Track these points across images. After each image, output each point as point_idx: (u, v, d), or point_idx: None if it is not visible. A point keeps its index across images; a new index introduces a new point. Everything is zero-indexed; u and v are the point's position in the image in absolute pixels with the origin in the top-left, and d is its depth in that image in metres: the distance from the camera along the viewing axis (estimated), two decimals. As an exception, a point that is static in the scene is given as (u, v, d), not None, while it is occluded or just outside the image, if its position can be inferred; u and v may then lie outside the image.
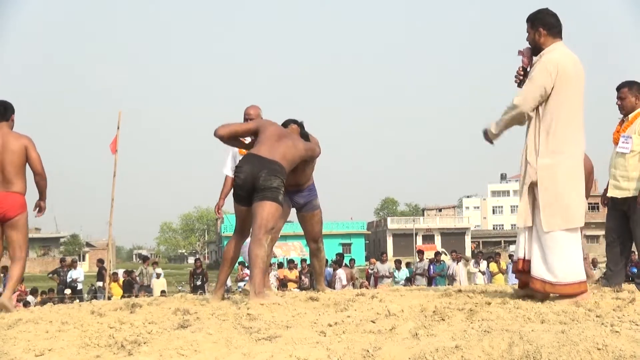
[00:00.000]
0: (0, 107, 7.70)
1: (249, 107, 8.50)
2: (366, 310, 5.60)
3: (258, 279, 6.53)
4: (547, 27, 6.04)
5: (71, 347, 4.84)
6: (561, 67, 5.86)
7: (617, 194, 7.52)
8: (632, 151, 7.38)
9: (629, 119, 7.52)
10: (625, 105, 7.57)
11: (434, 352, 4.09)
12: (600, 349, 3.96)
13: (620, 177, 7.46)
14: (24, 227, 7.58)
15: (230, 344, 4.62)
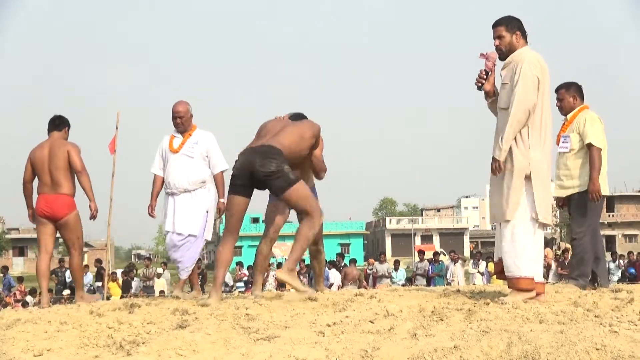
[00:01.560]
0: (57, 119, 8.37)
1: (178, 104, 8.23)
2: (365, 311, 5.60)
3: (297, 255, 6.66)
4: (521, 31, 6.20)
5: (70, 347, 4.84)
6: (543, 64, 6.05)
7: (562, 193, 7.64)
8: (572, 150, 7.51)
9: (568, 118, 7.68)
10: (564, 106, 7.74)
11: (433, 352, 4.10)
12: (598, 349, 3.96)
13: (564, 176, 7.59)
14: (74, 225, 8.13)
15: (229, 344, 4.62)
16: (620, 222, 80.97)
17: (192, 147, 8.16)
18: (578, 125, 7.49)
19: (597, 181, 7.29)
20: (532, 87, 5.94)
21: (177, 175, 8.06)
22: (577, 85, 7.79)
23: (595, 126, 7.45)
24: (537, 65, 6.00)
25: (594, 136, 7.37)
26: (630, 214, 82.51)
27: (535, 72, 5.96)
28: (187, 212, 8.07)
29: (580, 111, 7.63)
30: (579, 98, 7.72)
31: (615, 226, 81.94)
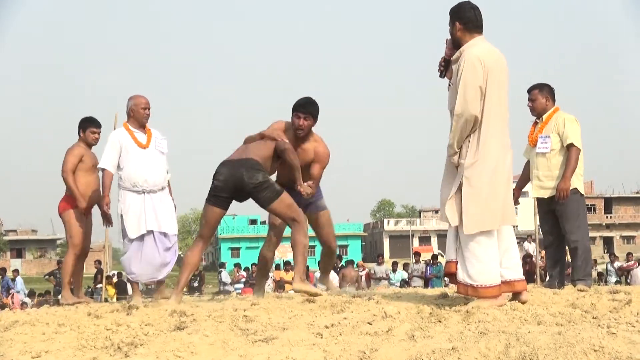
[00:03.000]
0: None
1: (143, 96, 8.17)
2: (363, 312, 5.59)
3: (301, 265, 6.75)
4: (463, 21, 5.83)
5: (68, 349, 4.84)
6: (486, 63, 5.67)
7: (543, 193, 7.64)
8: (552, 150, 7.52)
9: (544, 119, 7.68)
10: (536, 106, 7.74)
11: (431, 353, 4.10)
12: (596, 351, 3.97)
13: (544, 176, 7.59)
14: (66, 224, 8.56)
15: (227, 346, 4.62)
16: (618, 224, 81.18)
17: (161, 142, 8.09)
18: (557, 125, 7.52)
19: (568, 180, 7.35)
20: (472, 96, 5.63)
21: (151, 171, 7.89)
22: (550, 87, 7.82)
23: (574, 127, 7.51)
24: (479, 68, 5.65)
25: (575, 137, 7.43)
26: (628, 216, 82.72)
27: (477, 80, 5.63)
28: (167, 210, 8.01)
29: (554, 112, 7.67)
30: (551, 100, 7.76)
31: (613, 227, 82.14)
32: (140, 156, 7.88)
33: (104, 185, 7.94)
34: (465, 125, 5.67)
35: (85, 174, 8.44)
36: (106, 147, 7.90)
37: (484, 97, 5.67)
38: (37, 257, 78.05)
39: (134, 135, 7.92)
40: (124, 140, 7.88)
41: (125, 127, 7.98)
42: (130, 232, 7.80)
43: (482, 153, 5.67)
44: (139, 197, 7.83)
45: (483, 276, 5.63)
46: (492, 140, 5.69)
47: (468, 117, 5.63)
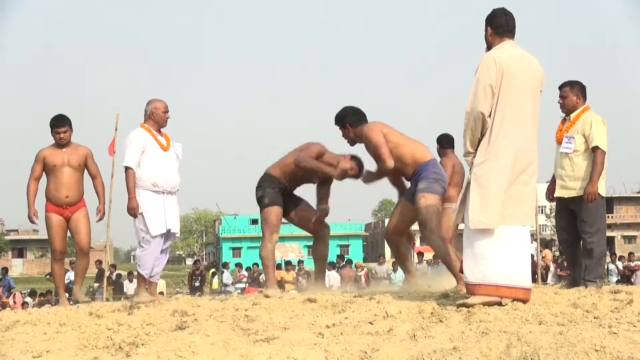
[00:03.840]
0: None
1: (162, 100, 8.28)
2: (364, 312, 5.59)
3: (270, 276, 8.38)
4: (494, 27, 5.97)
5: (69, 349, 4.84)
6: (502, 64, 5.74)
7: (564, 193, 7.60)
8: (575, 151, 7.48)
9: (571, 118, 7.62)
10: (566, 104, 7.68)
11: (432, 353, 4.10)
12: (598, 351, 3.96)
13: (567, 177, 7.55)
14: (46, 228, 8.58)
15: (228, 346, 4.62)
16: (620, 224, 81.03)
17: (178, 148, 8.23)
18: (583, 126, 7.47)
19: (596, 184, 7.29)
20: (482, 94, 5.71)
21: (171, 174, 8.04)
22: (582, 85, 7.74)
23: (601, 129, 7.43)
24: (493, 68, 5.72)
25: (601, 139, 7.37)
26: (630, 215, 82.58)
27: (488, 78, 5.71)
28: (176, 212, 8.18)
29: (583, 112, 7.60)
30: (582, 98, 7.68)
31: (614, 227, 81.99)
32: (162, 158, 8.01)
33: (129, 185, 7.88)
34: (474, 123, 5.73)
35: (56, 176, 8.37)
36: (128, 146, 7.94)
37: (497, 97, 5.72)
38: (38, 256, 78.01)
39: (156, 137, 8.04)
40: (146, 141, 7.97)
41: (146, 129, 8.05)
42: (153, 229, 7.89)
43: (492, 152, 5.70)
44: (159, 196, 7.96)
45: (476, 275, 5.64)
46: (504, 140, 5.70)
47: (475, 114, 5.70)
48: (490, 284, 5.61)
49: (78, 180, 8.46)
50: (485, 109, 5.69)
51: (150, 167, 7.93)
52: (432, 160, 7.54)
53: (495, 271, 5.63)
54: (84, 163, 8.50)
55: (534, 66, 5.93)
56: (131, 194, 7.84)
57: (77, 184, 8.44)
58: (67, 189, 8.35)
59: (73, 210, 8.42)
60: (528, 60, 5.92)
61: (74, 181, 8.40)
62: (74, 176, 8.40)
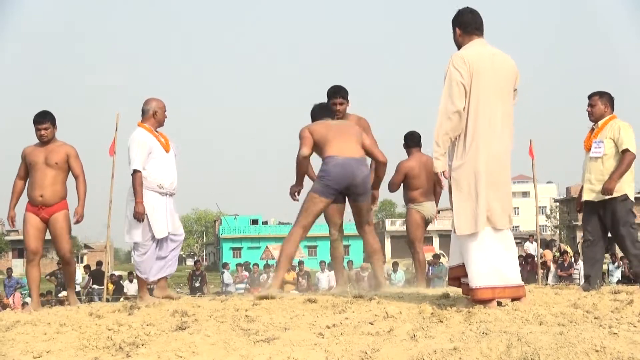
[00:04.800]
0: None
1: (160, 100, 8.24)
2: (364, 312, 5.59)
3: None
4: (462, 26, 5.95)
5: (69, 349, 4.84)
6: (471, 64, 5.71)
7: (593, 197, 7.74)
8: (605, 155, 7.66)
9: (599, 125, 7.83)
10: (594, 112, 7.88)
11: (432, 354, 4.10)
12: (598, 351, 3.97)
13: (596, 180, 7.69)
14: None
15: (228, 346, 4.62)
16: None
17: (176, 148, 8.19)
18: (612, 132, 7.66)
19: (614, 181, 7.50)
20: (456, 91, 5.68)
21: (173, 175, 8.01)
22: (610, 96, 7.95)
23: (629, 133, 7.66)
24: (463, 67, 5.69)
25: (630, 143, 7.59)
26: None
27: (456, 74, 5.68)
28: (176, 214, 8.16)
29: (610, 119, 7.80)
30: (610, 107, 7.90)
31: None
32: (165, 159, 7.98)
33: (137, 188, 7.74)
34: (450, 122, 5.68)
35: (33, 175, 8.12)
36: (135, 148, 7.82)
37: (468, 98, 5.70)
38: (38, 257, 78.00)
39: (158, 138, 8.00)
40: (151, 142, 7.91)
41: (147, 129, 7.97)
42: (158, 232, 7.87)
43: (469, 156, 5.70)
44: (162, 198, 7.92)
45: (475, 279, 5.64)
46: (478, 143, 5.68)
47: (451, 112, 5.67)
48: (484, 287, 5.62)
49: (55, 180, 8.07)
50: (461, 106, 5.67)
51: (156, 168, 7.87)
52: (327, 157, 7.43)
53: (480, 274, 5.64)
54: (65, 162, 8.12)
55: (506, 64, 5.90)
56: (139, 198, 7.71)
57: (54, 184, 8.06)
58: (40, 188, 8.02)
59: (50, 211, 8.07)
60: (500, 58, 5.88)
61: (50, 181, 8.04)
62: (49, 175, 8.04)
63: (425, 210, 9.25)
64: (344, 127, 7.56)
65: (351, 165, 7.31)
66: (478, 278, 5.61)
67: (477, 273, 5.63)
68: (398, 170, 9.22)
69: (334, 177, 7.31)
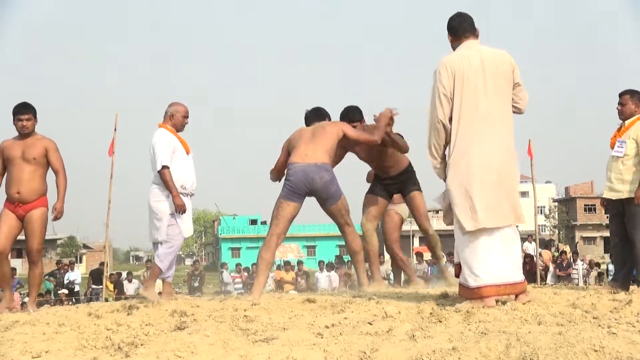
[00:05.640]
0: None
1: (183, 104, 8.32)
2: (363, 312, 5.60)
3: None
4: (451, 32, 6.11)
5: (68, 349, 4.83)
6: (454, 67, 5.82)
7: (612, 195, 7.76)
8: (626, 155, 7.66)
9: (626, 124, 7.82)
10: (624, 111, 7.87)
11: (431, 354, 4.10)
12: (597, 351, 3.96)
13: (615, 179, 7.72)
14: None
15: (227, 346, 4.62)
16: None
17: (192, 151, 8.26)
18: (637, 132, 7.67)
19: None
20: (438, 102, 5.83)
21: (193, 177, 8.16)
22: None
23: None
24: (444, 74, 5.83)
25: None
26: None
27: (439, 85, 5.83)
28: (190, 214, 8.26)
29: (638, 119, 7.80)
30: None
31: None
32: (186, 161, 8.10)
33: (170, 183, 7.83)
34: (435, 132, 5.87)
35: (10, 170, 7.84)
36: (160, 146, 7.91)
37: (454, 102, 5.82)
38: (37, 257, 77.97)
39: (181, 139, 8.11)
40: (174, 142, 8.02)
41: (169, 130, 8.07)
42: (186, 230, 8.06)
43: (454, 157, 5.82)
44: (186, 199, 8.05)
45: (470, 278, 5.72)
46: (462, 144, 5.78)
47: (432, 123, 5.88)
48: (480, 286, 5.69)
49: (32, 176, 7.77)
50: (442, 116, 5.82)
51: (179, 169, 7.98)
52: (290, 164, 7.51)
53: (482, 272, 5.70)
54: (44, 156, 7.81)
55: (497, 61, 5.93)
56: (174, 191, 7.84)
57: (31, 180, 7.75)
58: (17, 184, 7.74)
59: (27, 209, 7.76)
60: (489, 56, 5.92)
61: (27, 177, 7.74)
62: (26, 171, 7.74)
63: (403, 211, 9.27)
64: (317, 132, 7.59)
65: (310, 171, 7.35)
66: (470, 277, 5.71)
67: (468, 272, 5.73)
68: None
69: (294, 183, 7.39)
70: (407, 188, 8.25)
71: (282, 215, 7.47)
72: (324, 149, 7.43)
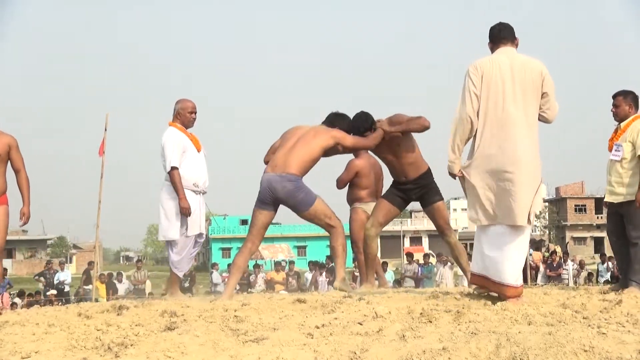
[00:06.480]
0: None
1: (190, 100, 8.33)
2: (353, 312, 5.60)
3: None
4: (490, 40, 6.42)
5: (58, 350, 4.83)
6: (483, 70, 6.13)
7: (613, 199, 7.77)
8: (623, 158, 7.66)
9: (622, 127, 7.81)
10: (619, 112, 7.87)
11: (421, 354, 4.10)
12: (587, 351, 3.97)
13: (615, 182, 7.72)
14: None
15: (217, 346, 4.62)
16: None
17: (204, 148, 8.30)
18: (632, 134, 7.66)
19: None
20: (468, 98, 6.11)
21: (205, 175, 8.18)
22: (635, 95, 7.96)
23: None
24: (474, 74, 6.13)
25: None
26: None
27: (470, 83, 6.12)
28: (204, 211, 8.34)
29: (633, 120, 7.78)
30: (635, 107, 7.89)
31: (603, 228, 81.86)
32: (198, 158, 8.12)
33: (178, 185, 7.86)
34: (461, 126, 6.13)
35: None
36: (170, 146, 7.93)
37: (480, 103, 6.11)
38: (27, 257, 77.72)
39: (190, 137, 8.13)
40: (184, 142, 8.03)
41: (179, 128, 8.09)
42: (191, 229, 8.06)
43: (475, 155, 6.11)
44: (196, 197, 8.08)
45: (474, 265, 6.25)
46: (486, 143, 6.07)
47: (462, 118, 6.11)
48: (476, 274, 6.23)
49: None
50: (471, 112, 6.09)
51: (191, 167, 8.02)
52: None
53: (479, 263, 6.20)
54: (6, 153, 7.46)
55: (527, 70, 6.16)
56: (181, 194, 7.86)
57: None
58: None
59: None
60: (520, 64, 6.17)
61: None
62: None
63: (371, 210, 9.26)
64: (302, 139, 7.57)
65: (273, 181, 7.41)
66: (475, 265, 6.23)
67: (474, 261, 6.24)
68: (348, 168, 9.23)
69: (261, 192, 7.52)
70: (430, 198, 8.14)
71: (254, 223, 7.65)
72: (299, 159, 7.42)
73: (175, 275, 8.20)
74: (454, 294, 6.48)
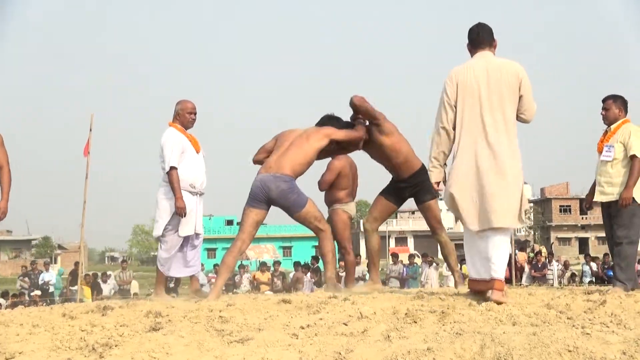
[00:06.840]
0: None
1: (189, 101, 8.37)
2: (338, 313, 5.60)
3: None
4: (469, 43, 6.49)
5: (42, 350, 4.81)
6: (458, 78, 6.24)
7: (603, 198, 7.89)
8: (614, 159, 7.79)
9: (612, 129, 7.94)
10: (608, 116, 8.00)
11: (406, 354, 4.11)
12: (571, 351, 3.99)
13: (605, 183, 7.84)
14: None
15: (202, 347, 4.61)
16: (593, 225, 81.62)
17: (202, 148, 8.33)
18: (623, 136, 7.78)
19: (631, 190, 7.60)
20: (442, 110, 6.27)
21: (202, 176, 8.22)
22: (624, 99, 8.08)
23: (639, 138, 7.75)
24: (449, 84, 6.25)
25: (639, 149, 7.67)
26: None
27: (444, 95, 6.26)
28: (201, 212, 8.40)
29: (623, 123, 7.91)
30: (624, 111, 8.00)
31: (588, 228, 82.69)
32: (196, 159, 8.16)
33: (176, 185, 7.90)
34: (437, 136, 6.30)
35: None
36: (169, 146, 7.97)
37: (456, 111, 6.24)
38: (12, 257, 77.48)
39: (189, 138, 8.16)
40: (183, 142, 8.06)
41: (178, 129, 8.12)
42: (183, 230, 8.12)
43: (455, 162, 6.25)
44: (193, 198, 8.13)
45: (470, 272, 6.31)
46: (461, 150, 6.20)
47: (437, 128, 6.29)
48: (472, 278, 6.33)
49: None
50: (446, 123, 6.25)
51: (188, 168, 8.05)
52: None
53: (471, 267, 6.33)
54: None
55: (503, 73, 6.23)
56: (178, 194, 7.89)
57: None
58: None
59: None
60: (496, 68, 6.25)
61: None
62: None
63: (351, 210, 9.26)
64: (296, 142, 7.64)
65: (267, 180, 7.47)
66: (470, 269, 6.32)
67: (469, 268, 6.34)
68: (331, 169, 9.21)
69: (253, 191, 7.55)
70: (423, 197, 8.23)
71: (245, 221, 7.64)
72: (293, 162, 7.49)
73: (162, 274, 8.22)
74: (439, 295, 6.50)
